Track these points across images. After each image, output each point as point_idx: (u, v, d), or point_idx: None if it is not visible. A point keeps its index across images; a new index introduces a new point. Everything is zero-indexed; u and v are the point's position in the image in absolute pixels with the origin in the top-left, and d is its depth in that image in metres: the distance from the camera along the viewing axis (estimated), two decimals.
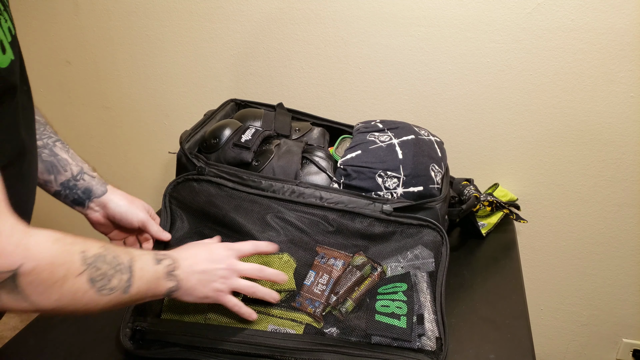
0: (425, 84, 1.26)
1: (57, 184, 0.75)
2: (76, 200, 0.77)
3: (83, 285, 0.51)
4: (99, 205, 0.79)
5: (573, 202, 1.29)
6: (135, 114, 1.51)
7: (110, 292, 0.54)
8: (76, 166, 0.77)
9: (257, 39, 1.32)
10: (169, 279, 0.63)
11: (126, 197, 0.82)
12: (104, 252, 0.54)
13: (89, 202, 0.78)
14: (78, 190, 0.77)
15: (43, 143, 0.74)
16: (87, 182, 0.77)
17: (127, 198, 0.81)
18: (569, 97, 1.18)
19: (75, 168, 0.76)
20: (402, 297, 0.80)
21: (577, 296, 1.40)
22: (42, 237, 0.48)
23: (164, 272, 0.62)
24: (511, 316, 0.89)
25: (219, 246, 0.73)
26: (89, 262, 0.52)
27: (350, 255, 0.87)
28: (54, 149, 0.75)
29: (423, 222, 0.89)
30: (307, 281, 0.83)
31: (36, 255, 0.47)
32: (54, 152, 0.75)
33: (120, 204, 0.80)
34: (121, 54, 1.44)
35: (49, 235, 0.49)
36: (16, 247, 0.45)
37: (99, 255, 0.54)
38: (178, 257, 0.66)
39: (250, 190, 0.92)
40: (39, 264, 0.47)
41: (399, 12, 1.20)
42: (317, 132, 1.12)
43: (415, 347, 0.74)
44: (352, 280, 0.83)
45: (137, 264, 0.58)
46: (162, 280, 0.62)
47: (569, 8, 1.10)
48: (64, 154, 0.76)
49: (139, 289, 0.58)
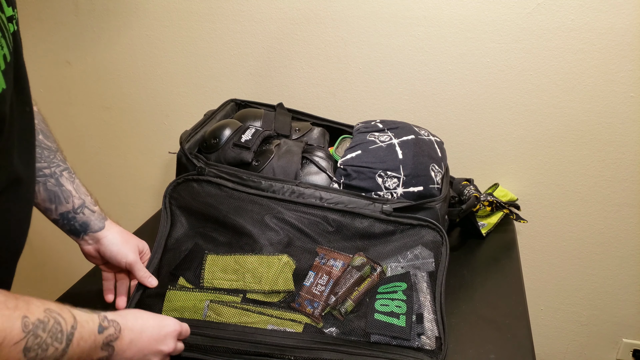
0: (425, 84, 1.26)
1: (56, 213, 0.76)
2: (72, 230, 0.79)
3: (16, 356, 0.48)
4: (93, 239, 0.80)
5: (573, 202, 1.29)
6: (135, 114, 1.51)
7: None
8: (78, 199, 0.77)
9: (257, 39, 1.32)
10: (104, 349, 0.60)
11: (122, 235, 0.82)
12: (46, 317, 0.51)
13: (84, 235, 0.79)
14: (76, 222, 0.78)
15: (50, 172, 0.75)
16: (86, 217, 0.78)
17: (122, 237, 0.81)
18: (569, 97, 1.18)
19: (77, 201, 0.77)
20: (402, 296, 0.80)
21: (577, 296, 1.40)
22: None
23: (102, 342, 0.60)
24: (511, 316, 0.89)
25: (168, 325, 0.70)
26: (29, 330, 0.49)
27: (350, 256, 0.87)
28: (60, 179, 0.76)
29: (423, 222, 0.89)
30: (306, 282, 0.84)
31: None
32: (59, 183, 0.76)
33: (113, 243, 0.80)
34: (121, 54, 1.44)
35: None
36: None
37: (41, 322, 0.51)
38: (124, 326, 0.63)
39: (250, 191, 0.92)
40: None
41: (399, 12, 1.20)
42: (317, 132, 1.12)
43: (415, 345, 0.74)
44: (352, 281, 0.83)
45: (78, 333, 0.55)
46: (97, 349, 0.59)
47: (569, 8, 1.10)
48: (69, 185, 0.77)
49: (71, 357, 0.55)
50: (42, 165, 0.74)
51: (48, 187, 0.75)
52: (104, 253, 0.80)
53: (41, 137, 0.75)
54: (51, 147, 0.76)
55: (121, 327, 0.62)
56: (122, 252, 0.80)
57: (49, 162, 0.75)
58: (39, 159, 0.74)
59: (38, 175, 0.74)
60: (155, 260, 0.86)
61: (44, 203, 0.75)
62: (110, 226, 0.81)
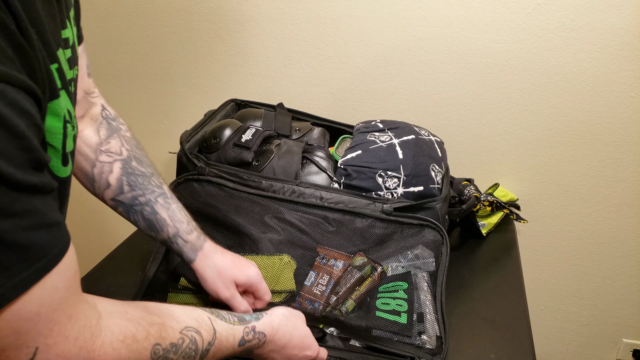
0: (425, 84, 1.26)
1: (158, 240, 0.76)
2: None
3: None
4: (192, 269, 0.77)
5: (573, 202, 1.29)
6: (135, 114, 1.51)
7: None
8: (173, 228, 0.74)
9: (257, 39, 1.32)
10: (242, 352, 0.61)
11: (213, 269, 0.75)
12: (180, 340, 0.51)
13: None
14: (174, 251, 0.76)
15: (146, 199, 0.73)
16: (179, 247, 0.75)
17: (213, 271, 0.75)
18: (569, 97, 1.18)
19: (172, 230, 0.74)
20: (403, 295, 0.80)
21: (577, 296, 1.40)
22: (108, 338, 0.45)
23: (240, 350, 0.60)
24: (511, 316, 0.89)
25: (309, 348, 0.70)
26: (159, 356, 0.49)
27: (351, 255, 0.87)
28: (155, 206, 0.74)
29: (423, 222, 0.89)
30: (307, 282, 0.84)
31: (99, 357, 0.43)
32: (154, 210, 0.74)
33: (203, 278, 0.75)
34: (121, 54, 1.44)
35: (119, 332, 0.46)
36: (80, 350, 0.42)
37: (173, 345, 0.51)
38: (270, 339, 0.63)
39: (250, 191, 0.92)
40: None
41: (399, 12, 1.20)
42: (317, 132, 1.12)
43: (416, 343, 0.74)
44: (353, 281, 0.83)
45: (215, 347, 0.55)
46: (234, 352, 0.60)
47: (569, 8, 1.10)
48: (164, 212, 0.74)
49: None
50: (137, 193, 0.73)
51: (145, 216, 0.73)
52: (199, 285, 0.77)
53: (134, 164, 0.74)
54: (145, 172, 0.74)
55: (267, 340, 0.63)
56: (211, 288, 0.75)
57: (143, 189, 0.73)
58: (133, 187, 0.72)
59: (134, 204, 0.72)
60: (157, 260, 0.86)
61: (146, 230, 0.74)
62: (203, 258, 0.75)
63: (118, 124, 0.76)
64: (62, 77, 0.46)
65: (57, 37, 0.48)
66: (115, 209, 0.74)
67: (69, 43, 0.52)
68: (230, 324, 0.59)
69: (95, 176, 0.71)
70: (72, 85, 0.53)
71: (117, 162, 0.72)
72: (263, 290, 0.77)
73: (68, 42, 0.52)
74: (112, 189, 0.72)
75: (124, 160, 0.73)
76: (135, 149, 0.76)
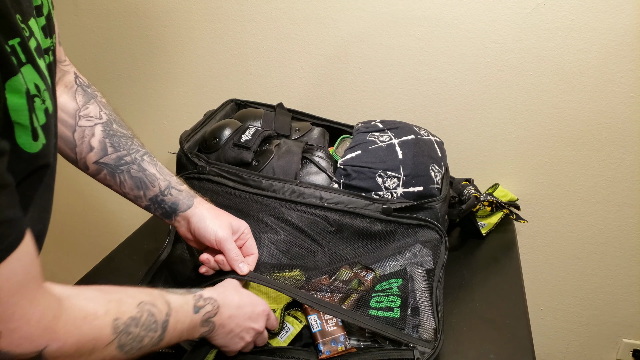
0: (425, 84, 1.26)
1: (146, 199, 0.75)
2: (164, 214, 0.77)
3: (111, 352, 0.50)
4: (184, 219, 0.76)
5: (573, 202, 1.29)
6: (135, 114, 1.51)
7: (139, 350, 0.53)
8: (164, 181, 0.76)
9: (257, 39, 1.32)
10: (204, 326, 0.62)
11: (212, 211, 0.77)
12: (138, 313, 0.53)
13: (175, 216, 0.77)
14: (165, 204, 0.76)
15: (131, 158, 0.74)
16: (174, 197, 0.75)
17: (212, 212, 0.77)
18: (569, 97, 1.18)
19: (163, 183, 0.75)
20: (397, 291, 0.79)
21: (577, 296, 1.40)
22: (71, 316, 0.46)
23: (200, 319, 0.61)
24: (511, 316, 0.89)
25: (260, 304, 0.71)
26: (120, 330, 0.50)
27: (326, 276, 0.85)
28: (142, 164, 0.74)
29: (423, 222, 0.89)
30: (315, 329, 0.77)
31: (62, 336, 0.45)
32: (142, 168, 0.74)
33: (201, 218, 0.75)
34: (121, 54, 1.44)
35: (79, 311, 0.48)
36: (43, 330, 0.44)
37: (133, 319, 0.52)
38: (222, 303, 0.65)
39: (250, 190, 0.92)
40: (65, 343, 0.45)
41: (399, 12, 1.20)
42: (317, 132, 1.12)
43: (411, 335, 0.74)
44: (340, 297, 0.82)
45: (173, 319, 0.57)
46: (197, 327, 0.61)
47: (569, 8, 1.10)
48: (152, 168, 0.75)
49: (170, 340, 0.57)
50: (122, 153, 0.73)
51: (132, 174, 0.73)
52: (194, 231, 0.76)
53: (115, 127, 0.74)
54: (127, 134, 0.75)
55: (219, 304, 0.64)
56: (210, 228, 0.74)
57: (127, 149, 0.74)
58: (117, 148, 0.73)
59: (120, 164, 0.73)
60: (163, 258, 0.86)
61: (133, 191, 0.74)
62: (200, 203, 0.77)
63: (93, 91, 0.76)
64: (25, 50, 0.45)
65: (27, 6, 0.48)
66: (98, 174, 0.74)
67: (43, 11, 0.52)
68: (179, 295, 0.61)
69: (76, 140, 0.71)
70: (49, 55, 0.53)
71: (98, 126, 0.73)
72: (252, 245, 0.79)
73: (41, 9, 0.52)
74: (95, 152, 0.72)
75: (104, 124, 0.73)
76: (113, 113, 0.76)
